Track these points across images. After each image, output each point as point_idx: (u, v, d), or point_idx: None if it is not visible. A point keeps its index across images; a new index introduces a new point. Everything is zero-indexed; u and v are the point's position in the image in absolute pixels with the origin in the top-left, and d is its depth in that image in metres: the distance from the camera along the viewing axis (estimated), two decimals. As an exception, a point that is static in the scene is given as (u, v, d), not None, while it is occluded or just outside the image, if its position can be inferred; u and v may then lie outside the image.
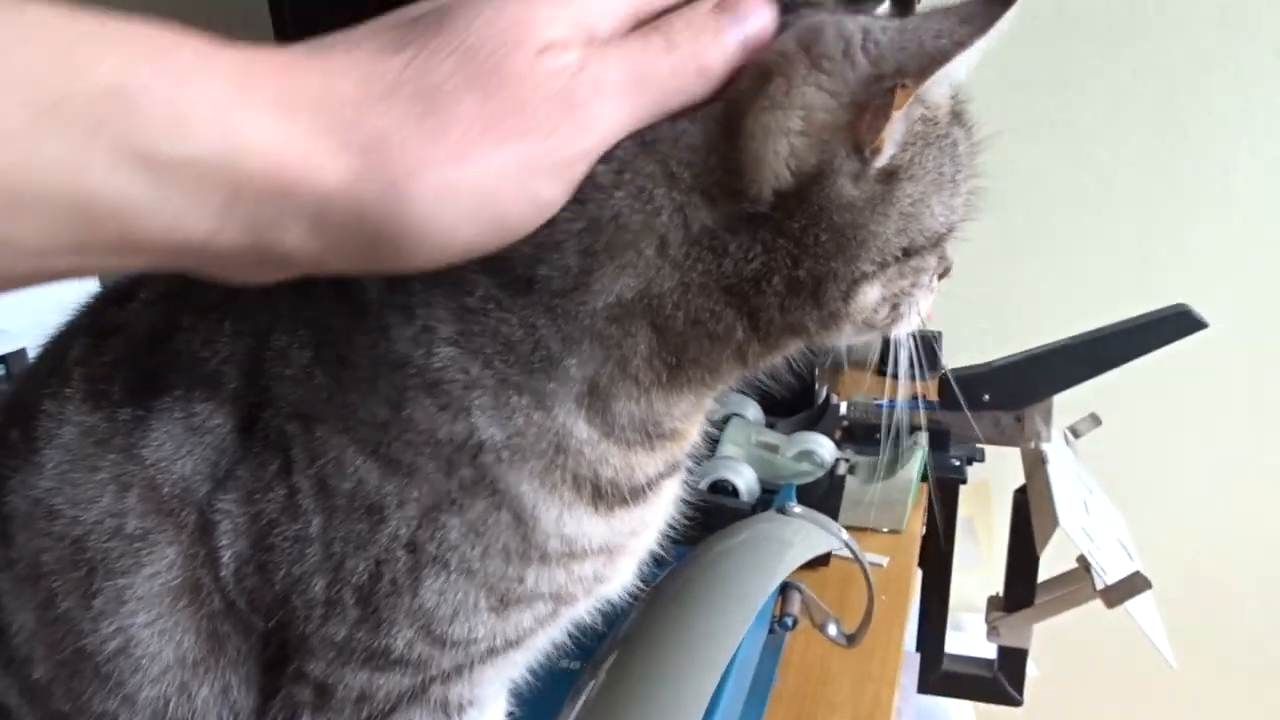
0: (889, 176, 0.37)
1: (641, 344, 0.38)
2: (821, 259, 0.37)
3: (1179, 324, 0.85)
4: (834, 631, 0.64)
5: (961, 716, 1.25)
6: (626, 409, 0.39)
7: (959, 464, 0.92)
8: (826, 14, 0.37)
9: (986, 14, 0.35)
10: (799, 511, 0.60)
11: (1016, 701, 0.99)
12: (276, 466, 0.39)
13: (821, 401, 1.02)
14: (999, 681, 0.99)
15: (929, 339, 0.97)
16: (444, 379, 0.38)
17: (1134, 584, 0.77)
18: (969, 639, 1.21)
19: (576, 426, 0.39)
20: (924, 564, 0.95)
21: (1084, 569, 0.82)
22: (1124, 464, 1.35)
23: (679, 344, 0.39)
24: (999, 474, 1.07)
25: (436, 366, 0.37)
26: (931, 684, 1.03)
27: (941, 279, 0.43)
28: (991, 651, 0.99)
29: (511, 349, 0.38)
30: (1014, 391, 0.91)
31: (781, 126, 0.35)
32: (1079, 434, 0.98)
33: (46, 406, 0.41)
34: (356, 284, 0.38)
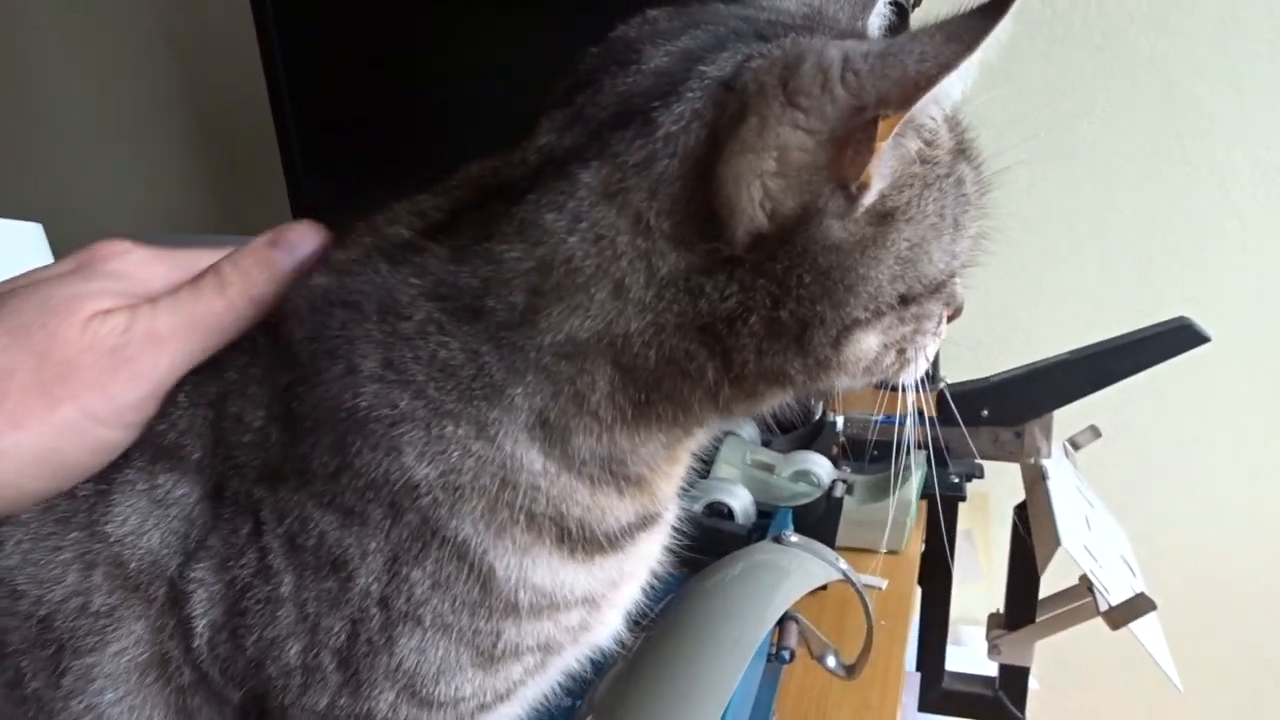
0: (882, 219, 0.35)
1: (600, 381, 0.37)
2: (805, 302, 0.35)
3: (1181, 338, 0.83)
4: (833, 663, 0.63)
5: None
6: (587, 444, 0.38)
7: (958, 481, 0.91)
8: (812, 39, 0.35)
9: (975, 29, 0.33)
10: (796, 540, 0.59)
11: (1018, 719, 0.98)
12: (248, 530, 0.38)
13: (818, 418, 1.01)
14: (1000, 699, 0.98)
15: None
16: (370, 417, 0.36)
17: (1138, 606, 0.76)
18: (969, 654, 1.20)
19: (528, 456, 0.37)
20: (924, 582, 0.93)
21: (1086, 588, 0.80)
22: (1125, 476, 1.35)
23: (650, 381, 0.37)
24: (997, 487, 1.05)
25: (363, 406, 0.36)
26: (932, 703, 1.01)
27: (951, 320, 0.40)
28: (992, 669, 0.98)
29: (450, 375, 0.36)
30: (1013, 407, 0.89)
31: (754, 169, 0.34)
32: (1079, 446, 0.97)
33: None
34: (287, 334, 0.38)
